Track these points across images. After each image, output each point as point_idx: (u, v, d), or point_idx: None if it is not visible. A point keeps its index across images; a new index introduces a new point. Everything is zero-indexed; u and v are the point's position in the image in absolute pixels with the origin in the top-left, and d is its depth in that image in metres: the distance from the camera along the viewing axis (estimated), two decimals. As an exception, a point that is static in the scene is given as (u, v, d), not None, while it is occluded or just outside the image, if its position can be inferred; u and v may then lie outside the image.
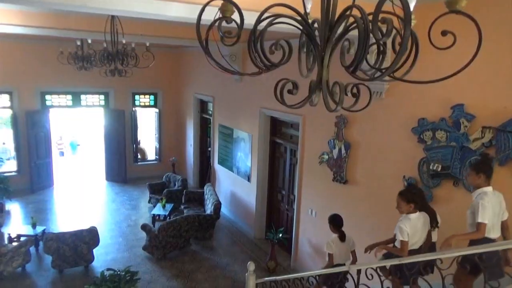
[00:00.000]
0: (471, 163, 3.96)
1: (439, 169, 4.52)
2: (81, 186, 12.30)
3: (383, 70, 1.31)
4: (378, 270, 3.26)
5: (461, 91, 4.18)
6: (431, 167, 4.59)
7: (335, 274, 4.15)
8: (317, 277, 4.18)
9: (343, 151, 5.96)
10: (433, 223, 3.81)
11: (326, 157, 6.31)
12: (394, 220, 5.12)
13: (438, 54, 4.12)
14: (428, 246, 3.76)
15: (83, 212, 10.14)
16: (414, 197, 3.74)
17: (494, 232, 3.36)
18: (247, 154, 8.87)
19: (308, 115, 6.77)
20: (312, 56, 1.52)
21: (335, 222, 5.02)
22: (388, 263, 3.48)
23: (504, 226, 3.47)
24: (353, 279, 3.50)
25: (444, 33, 1.33)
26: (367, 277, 3.32)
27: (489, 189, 3.38)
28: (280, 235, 7.29)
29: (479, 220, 3.21)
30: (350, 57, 1.39)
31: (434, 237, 3.88)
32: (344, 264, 4.69)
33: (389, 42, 1.37)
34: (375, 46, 1.35)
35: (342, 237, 4.99)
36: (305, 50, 1.56)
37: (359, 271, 3.45)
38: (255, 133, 8.46)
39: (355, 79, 1.42)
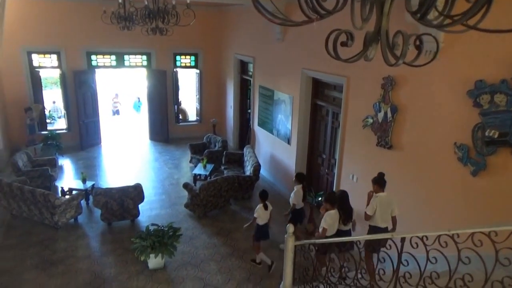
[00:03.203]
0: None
1: (495, 136, 4.19)
2: (126, 145, 12.78)
3: (455, 18, 1.12)
4: (423, 238, 3.13)
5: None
6: (486, 134, 4.27)
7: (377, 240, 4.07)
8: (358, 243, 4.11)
9: (389, 114, 5.67)
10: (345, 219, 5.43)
11: (370, 120, 6.05)
12: (440, 189, 4.90)
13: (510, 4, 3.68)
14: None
15: (129, 169, 10.59)
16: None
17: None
18: (287, 117, 8.72)
19: (353, 77, 6.46)
20: (368, 3, 1.34)
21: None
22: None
23: None
24: (396, 247, 3.39)
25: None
26: (411, 245, 3.20)
27: None
28: (319, 198, 7.23)
29: None
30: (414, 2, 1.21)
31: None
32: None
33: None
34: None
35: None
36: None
37: (403, 239, 3.34)
38: (296, 95, 8.25)
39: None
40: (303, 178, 6.69)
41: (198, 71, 13.31)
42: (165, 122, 12.90)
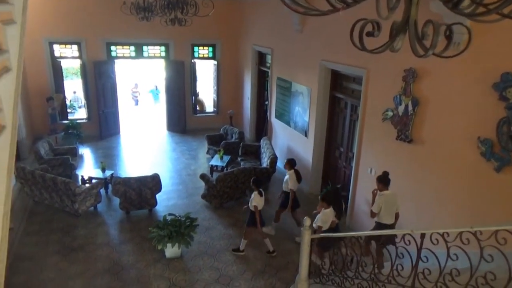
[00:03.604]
0: None
1: (522, 131, 4.05)
2: (145, 135, 12.93)
3: (489, 6, 1.07)
4: (444, 235, 3.06)
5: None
6: (513, 128, 4.12)
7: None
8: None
9: (409, 107, 5.55)
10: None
11: (390, 113, 5.93)
12: (461, 184, 4.79)
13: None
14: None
15: (147, 159, 10.72)
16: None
17: None
18: (305, 109, 8.65)
19: (373, 69, 6.33)
20: (396, -8, 1.29)
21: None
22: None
23: None
24: (416, 243, 3.33)
25: None
26: (431, 241, 3.14)
27: None
28: (336, 192, 7.17)
29: None
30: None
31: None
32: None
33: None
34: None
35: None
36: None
37: (423, 235, 3.27)
38: (314, 87, 8.16)
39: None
40: (294, 163, 7.04)
41: (215, 62, 13.30)
42: (182, 113, 12.98)
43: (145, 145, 11.99)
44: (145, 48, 12.44)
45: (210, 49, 13.16)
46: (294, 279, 5.41)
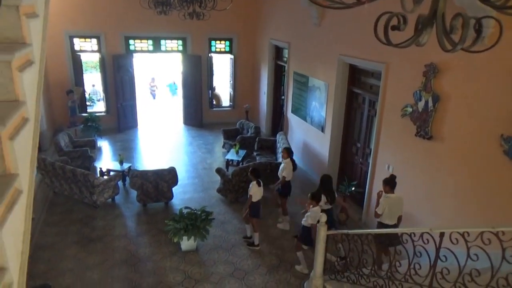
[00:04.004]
0: None
1: (548, 129, 3.92)
2: (161, 128, 13.06)
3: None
4: (464, 235, 3.00)
5: None
6: (538, 126, 4.00)
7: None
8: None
9: (430, 103, 5.43)
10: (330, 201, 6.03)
11: (409, 109, 5.82)
12: (482, 183, 4.67)
13: None
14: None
15: (163, 153, 10.83)
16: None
17: None
18: (322, 104, 8.57)
19: (393, 63, 6.22)
20: (422, -16, 1.25)
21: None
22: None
23: None
24: (434, 242, 3.27)
25: None
26: (451, 241, 3.08)
27: None
28: (353, 188, 7.10)
29: None
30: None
31: None
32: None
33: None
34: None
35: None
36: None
37: (442, 234, 3.21)
38: (331, 82, 8.07)
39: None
40: (291, 152, 7.29)
41: (232, 56, 13.29)
42: (199, 107, 13.04)
43: (162, 138, 12.10)
44: (162, 42, 12.52)
45: (227, 43, 13.15)
46: (308, 275, 5.40)
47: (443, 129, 5.30)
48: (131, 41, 12.16)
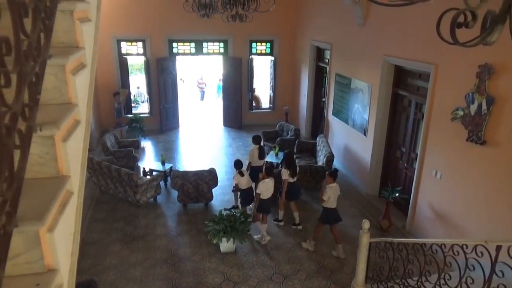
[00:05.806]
0: None
1: None
2: (202, 130, 13.26)
3: None
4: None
5: None
6: None
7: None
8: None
9: (483, 106, 5.10)
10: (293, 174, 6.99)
11: (461, 113, 5.51)
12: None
13: None
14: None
15: (204, 154, 10.98)
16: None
17: None
18: (365, 106, 8.33)
19: (442, 64, 5.91)
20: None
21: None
22: None
23: None
24: (490, 255, 3.05)
25: None
26: (509, 255, 2.85)
27: None
28: (397, 194, 6.83)
29: None
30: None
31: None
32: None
33: None
34: None
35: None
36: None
37: (499, 248, 2.99)
38: (375, 84, 7.82)
39: None
40: (259, 139, 8.10)
41: (273, 58, 13.27)
42: (239, 109, 13.13)
43: (202, 139, 12.29)
44: (204, 44, 12.73)
45: (268, 45, 13.14)
46: (349, 283, 5.24)
47: (498, 134, 4.96)
48: (174, 44, 12.46)
